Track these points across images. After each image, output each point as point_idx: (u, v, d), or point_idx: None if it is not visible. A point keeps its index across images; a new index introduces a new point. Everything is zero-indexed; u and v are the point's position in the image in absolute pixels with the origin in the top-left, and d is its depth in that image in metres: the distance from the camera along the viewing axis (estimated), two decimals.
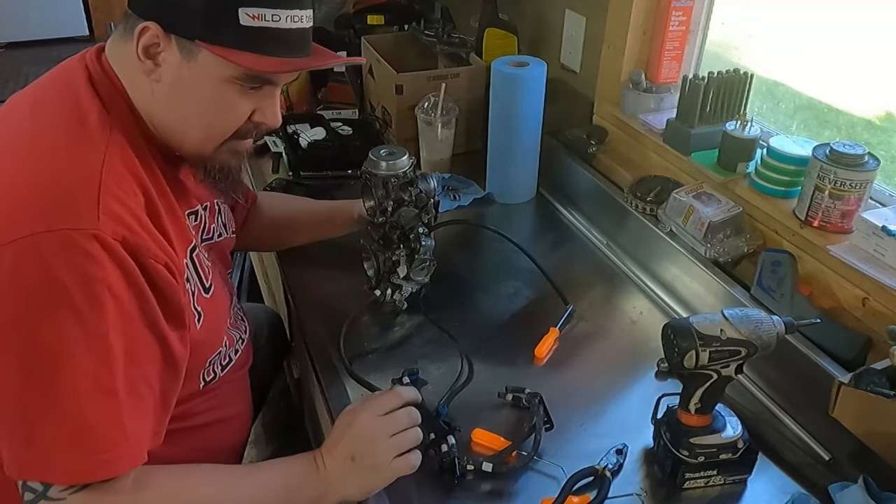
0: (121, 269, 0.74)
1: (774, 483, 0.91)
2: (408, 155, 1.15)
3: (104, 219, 0.74)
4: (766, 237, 1.17)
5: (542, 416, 0.95)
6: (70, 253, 0.71)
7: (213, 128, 0.87)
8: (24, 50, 4.95)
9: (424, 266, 1.15)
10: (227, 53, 0.80)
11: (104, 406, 0.74)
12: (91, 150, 0.78)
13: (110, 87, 0.85)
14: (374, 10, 2.03)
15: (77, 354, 0.72)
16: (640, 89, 1.44)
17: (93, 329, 0.72)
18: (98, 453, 0.74)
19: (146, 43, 0.80)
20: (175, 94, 0.84)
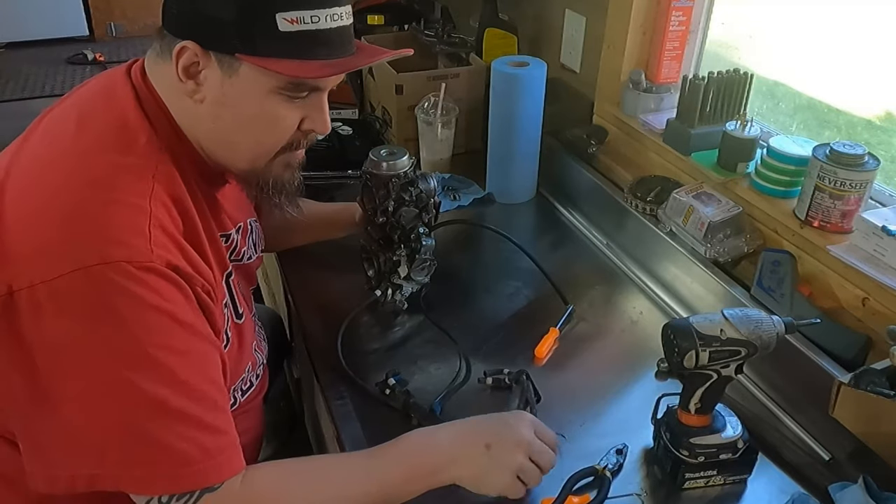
0: (179, 292, 0.75)
1: (774, 483, 0.91)
2: (408, 155, 1.15)
3: (156, 250, 0.73)
4: (766, 237, 1.17)
5: (531, 391, 0.97)
6: (127, 283, 0.71)
7: (263, 143, 0.85)
8: (24, 50, 4.95)
9: (425, 266, 1.15)
10: (268, 63, 0.77)
11: (175, 425, 0.74)
12: (140, 177, 0.77)
13: (156, 108, 0.83)
14: (374, 10, 2.03)
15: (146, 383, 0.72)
16: (640, 89, 1.44)
17: (156, 356, 0.73)
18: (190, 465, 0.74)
19: (185, 63, 0.78)
20: (220, 112, 0.81)
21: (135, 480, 0.74)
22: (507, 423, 0.85)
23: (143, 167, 0.78)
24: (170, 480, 0.74)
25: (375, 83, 1.76)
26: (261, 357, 1.05)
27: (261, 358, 1.05)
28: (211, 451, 0.75)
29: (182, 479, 0.74)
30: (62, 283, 0.70)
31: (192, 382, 0.75)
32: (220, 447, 0.77)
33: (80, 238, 0.72)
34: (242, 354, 0.94)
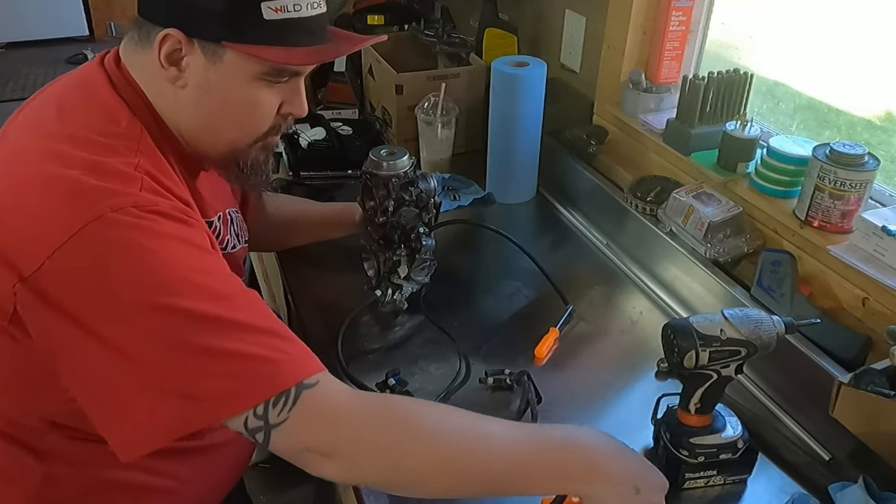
0: (192, 228, 0.77)
1: (774, 483, 0.91)
2: (408, 155, 1.15)
3: (158, 199, 0.75)
4: (766, 237, 1.17)
5: (532, 391, 0.97)
6: (141, 220, 0.72)
7: (245, 127, 0.87)
8: (24, 50, 4.95)
9: (425, 266, 1.15)
10: (255, 51, 0.79)
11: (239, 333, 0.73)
12: (123, 153, 0.78)
13: (133, 94, 0.84)
14: (374, 10, 2.03)
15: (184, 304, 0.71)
16: (640, 89, 1.44)
17: (191, 278, 0.73)
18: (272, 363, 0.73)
19: (168, 50, 0.79)
20: (203, 97, 0.83)
21: (225, 402, 0.71)
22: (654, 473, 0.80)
23: (126, 145, 0.79)
24: (258, 385, 0.71)
25: (375, 83, 1.76)
26: None
27: None
28: (288, 350, 0.74)
29: (270, 380, 0.72)
30: (77, 241, 0.70)
31: (237, 296, 0.76)
32: (296, 347, 0.76)
33: (82, 199, 0.72)
34: None
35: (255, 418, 0.72)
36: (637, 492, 0.76)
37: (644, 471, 0.79)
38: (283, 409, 0.72)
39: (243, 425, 0.72)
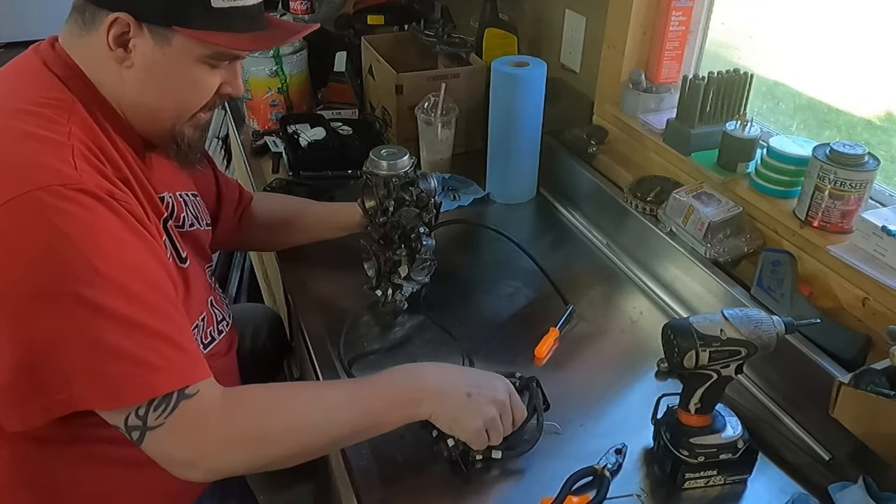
0: (114, 213, 0.77)
1: (774, 483, 0.91)
2: (409, 155, 1.15)
3: (84, 175, 0.76)
4: (766, 237, 1.17)
5: (540, 398, 0.97)
6: (63, 203, 0.73)
7: (186, 104, 0.91)
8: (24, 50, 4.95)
9: (425, 266, 1.15)
10: (204, 36, 0.84)
11: (134, 334, 0.75)
12: (54, 120, 0.80)
13: (67, 69, 0.86)
14: (374, 10, 2.03)
15: (92, 296, 0.73)
16: (640, 89, 1.44)
17: (102, 270, 0.74)
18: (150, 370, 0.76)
19: (117, 33, 0.83)
20: (148, 77, 0.86)
21: (106, 396, 0.75)
22: (490, 380, 0.91)
23: (58, 113, 0.81)
24: (140, 387, 0.75)
25: (375, 83, 1.76)
26: (222, 315, 1.06)
27: (222, 316, 1.06)
28: (173, 359, 0.77)
29: (152, 384, 0.75)
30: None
31: (144, 295, 0.77)
32: (185, 356, 0.79)
33: (7, 172, 0.74)
34: (191, 300, 0.95)
35: (135, 417, 0.76)
36: (468, 396, 0.87)
37: (477, 380, 0.90)
38: (162, 413, 0.76)
39: (123, 422, 0.76)
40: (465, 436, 0.87)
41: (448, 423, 0.87)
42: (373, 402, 0.87)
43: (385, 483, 0.88)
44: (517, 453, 0.92)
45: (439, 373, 0.92)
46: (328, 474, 1.38)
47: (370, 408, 0.87)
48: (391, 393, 0.88)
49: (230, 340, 1.09)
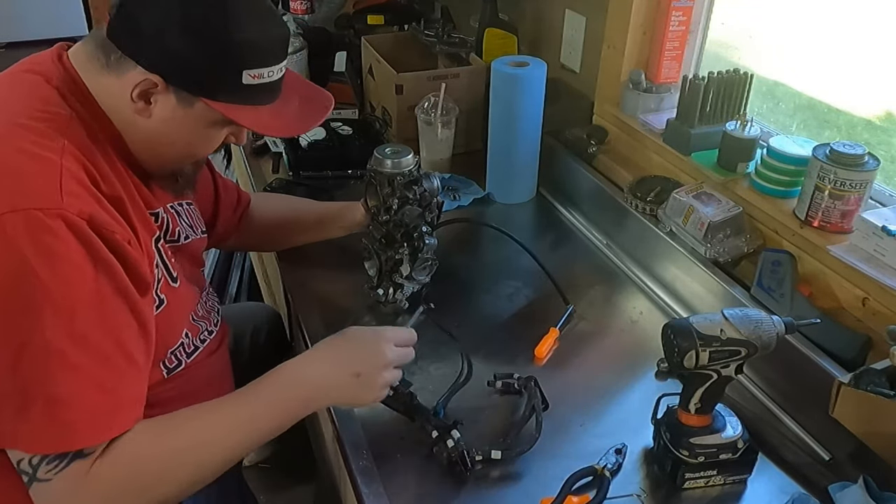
0: (86, 246, 0.75)
1: (774, 483, 0.91)
2: (412, 154, 1.15)
3: (67, 198, 0.75)
4: (766, 237, 1.17)
5: (538, 398, 0.97)
6: (36, 232, 0.72)
7: (194, 154, 0.94)
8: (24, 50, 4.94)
9: (426, 265, 1.15)
10: (229, 111, 0.85)
11: (74, 380, 0.75)
12: (48, 136, 0.79)
13: (71, 84, 0.85)
14: (374, 10, 2.03)
15: (46, 332, 0.73)
16: (640, 89, 1.44)
17: (60, 305, 0.73)
18: (68, 424, 0.74)
19: (143, 88, 0.83)
20: (163, 128, 0.87)
21: (24, 436, 0.74)
22: (371, 348, 0.91)
23: (53, 128, 0.80)
24: (54, 439, 0.74)
25: (375, 83, 1.76)
26: (206, 325, 1.05)
27: (206, 326, 1.05)
28: (94, 412, 0.76)
29: (67, 439, 0.74)
30: None
31: (94, 336, 0.76)
32: (107, 408, 0.77)
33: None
34: (174, 320, 0.94)
35: (28, 464, 0.75)
36: (358, 376, 0.88)
37: (360, 354, 0.90)
38: (53, 469, 0.75)
39: (17, 462, 0.76)
40: (370, 404, 0.91)
41: (350, 405, 0.94)
42: (258, 422, 0.87)
43: (385, 483, 0.88)
44: (517, 453, 0.92)
45: (323, 366, 0.91)
46: (328, 474, 1.38)
47: (257, 427, 0.87)
48: (278, 404, 0.88)
49: (220, 339, 1.08)
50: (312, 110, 0.96)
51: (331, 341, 0.93)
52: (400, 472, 0.91)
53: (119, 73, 0.83)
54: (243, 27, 0.83)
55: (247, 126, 0.89)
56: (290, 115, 0.93)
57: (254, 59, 0.85)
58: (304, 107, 0.95)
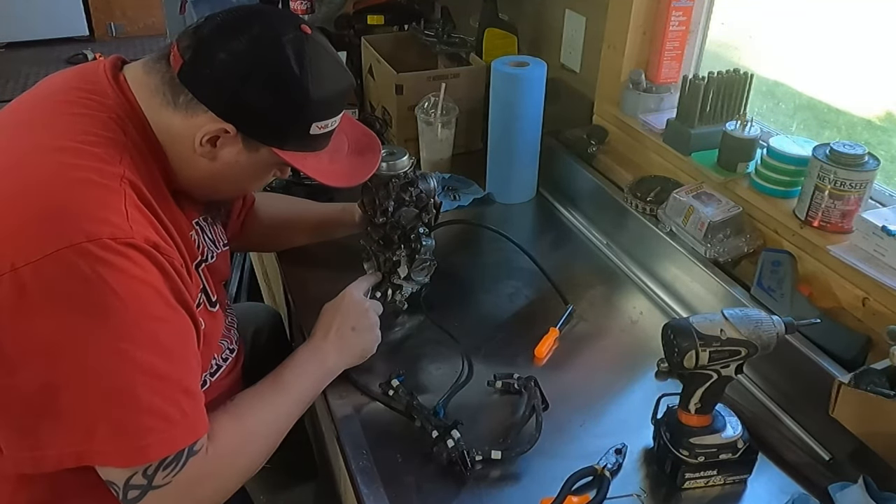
0: (158, 268, 0.78)
1: (774, 483, 0.91)
2: (408, 155, 1.15)
3: (135, 227, 0.77)
4: (766, 237, 1.17)
5: (538, 398, 0.98)
6: (113, 257, 0.74)
7: (244, 191, 1.03)
8: (24, 50, 4.95)
9: (425, 266, 1.15)
10: (294, 159, 0.89)
11: (164, 389, 0.77)
12: (109, 162, 0.80)
13: (129, 110, 0.85)
14: (374, 10, 2.03)
15: (136, 351, 0.75)
16: (640, 89, 1.44)
17: (143, 325, 0.75)
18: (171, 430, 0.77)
19: (212, 135, 0.85)
20: (224, 171, 0.90)
21: (128, 450, 0.75)
22: (350, 302, 1.05)
23: (111, 154, 0.81)
24: (163, 443, 0.76)
25: (375, 83, 1.76)
26: (227, 344, 1.06)
27: (228, 345, 1.06)
28: (188, 412, 0.79)
29: (173, 440, 0.77)
30: (48, 263, 0.71)
31: (174, 348, 0.79)
32: (196, 407, 0.81)
33: (61, 217, 0.74)
34: (211, 342, 0.97)
35: (142, 476, 0.76)
36: (353, 329, 1.03)
37: (347, 309, 1.04)
38: (171, 472, 0.77)
39: (125, 480, 0.76)
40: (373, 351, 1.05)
41: (362, 359, 1.04)
42: (305, 394, 0.97)
43: (385, 483, 0.88)
44: (516, 453, 0.92)
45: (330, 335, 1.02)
46: (328, 475, 1.38)
47: (304, 399, 0.97)
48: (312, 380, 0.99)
49: (235, 360, 1.09)
50: (366, 157, 1.01)
51: (321, 321, 1.04)
52: (400, 472, 0.91)
53: (187, 115, 0.84)
54: (322, 87, 0.85)
55: (311, 175, 0.91)
56: (344, 159, 0.98)
57: (323, 113, 0.88)
58: (356, 151, 1.00)
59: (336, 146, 0.96)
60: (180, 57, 0.83)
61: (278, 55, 0.82)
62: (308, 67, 0.83)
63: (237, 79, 0.82)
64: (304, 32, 0.85)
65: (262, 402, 0.92)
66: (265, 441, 0.90)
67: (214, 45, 0.82)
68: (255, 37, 0.82)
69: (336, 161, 0.95)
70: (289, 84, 0.83)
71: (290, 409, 0.95)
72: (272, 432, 0.91)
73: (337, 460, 1.13)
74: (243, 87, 0.82)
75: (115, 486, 0.77)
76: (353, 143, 1.00)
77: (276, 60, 0.83)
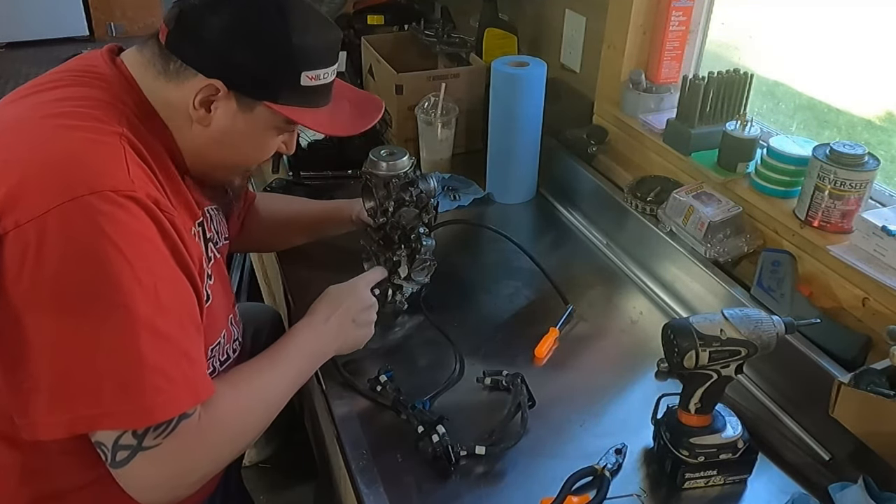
0: (157, 225, 0.78)
1: (774, 483, 0.91)
2: (408, 155, 1.15)
3: (137, 182, 0.77)
4: (766, 237, 1.17)
5: (525, 395, 0.98)
6: (113, 211, 0.73)
7: (247, 163, 0.98)
8: (24, 50, 4.95)
9: (425, 266, 1.15)
10: (289, 112, 0.88)
11: (167, 349, 0.76)
12: (109, 123, 0.81)
13: (126, 86, 0.86)
14: (374, 10, 2.03)
15: (137, 307, 0.74)
16: (640, 89, 1.44)
17: (144, 280, 0.75)
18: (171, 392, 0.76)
19: (204, 95, 0.85)
20: (221, 137, 0.89)
21: (135, 411, 0.74)
22: (359, 294, 1.05)
23: (111, 116, 0.82)
24: (168, 404, 0.75)
25: (375, 83, 1.76)
26: (237, 332, 1.07)
27: (237, 334, 1.07)
28: (189, 377, 0.78)
29: (178, 402, 0.76)
30: (51, 218, 0.71)
31: (174, 308, 0.78)
32: (197, 373, 0.80)
33: (61, 172, 0.74)
34: (217, 318, 0.96)
35: (131, 436, 0.75)
36: (354, 321, 1.03)
37: (350, 302, 1.04)
38: (161, 434, 0.76)
39: (114, 440, 0.75)
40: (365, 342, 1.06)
41: (352, 348, 1.05)
42: (298, 373, 0.96)
43: (385, 483, 0.88)
44: (501, 449, 0.92)
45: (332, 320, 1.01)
46: (328, 475, 1.38)
47: (298, 377, 0.97)
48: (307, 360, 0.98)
49: (238, 360, 1.09)
50: (366, 111, 1.00)
51: (325, 303, 1.03)
52: (400, 472, 0.91)
53: (179, 82, 0.85)
54: (302, 32, 0.85)
55: (309, 125, 0.91)
56: (345, 115, 0.97)
57: (311, 62, 0.87)
58: (357, 108, 0.99)
59: (337, 107, 0.96)
60: (166, 27, 0.85)
61: (258, 6, 0.84)
62: (289, 16, 0.84)
63: (219, 35, 0.83)
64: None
65: (259, 375, 0.92)
66: (258, 415, 0.89)
67: (197, 10, 0.83)
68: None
69: (336, 117, 0.95)
70: (269, 32, 0.84)
71: (286, 385, 0.94)
72: (266, 407, 0.91)
73: (337, 460, 1.13)
74: (226, 42, 0.83)
75: (104, 446, 0.76)
76: (354, 104, 1.00)
77: (256, 11, 0.84)
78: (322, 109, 0.93)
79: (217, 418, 0.82)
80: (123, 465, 0.76)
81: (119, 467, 0.76)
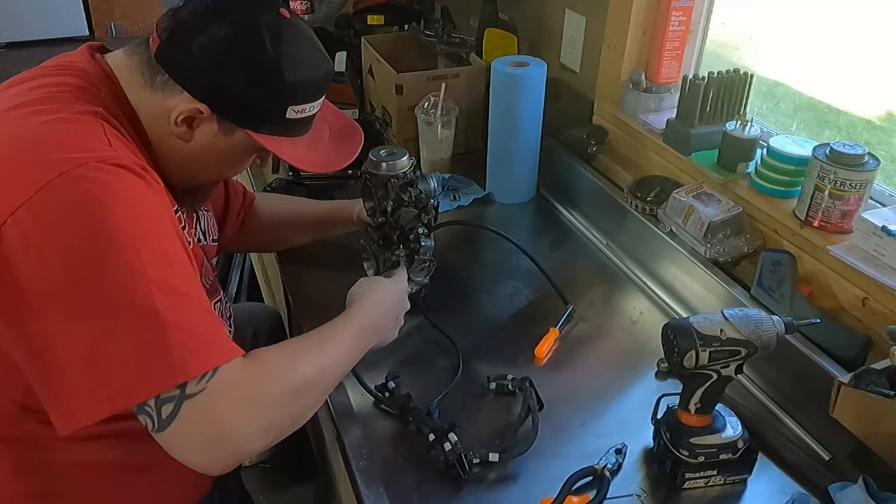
0: (150, 188, 0.78)
1: (774, 483, 0.91)
2: (408, 155, 1.15)
3: (121, 151, 0.77)
4: (766, 237, 1.17)
5: (534, 398, 0.97)
6: (104, 176, 0.73)
7: (220, 176, 0.98)
8: (24, 50, 4.95)
9: (424, 266, 1.15)
10: (269, 143, 0.88)
11: (182, 304, 0.74)
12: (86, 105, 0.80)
13: (106, 80, 0.85)
14: (374, 10, 2.03)
15: (148, 271, 0.72)
16: (640, 89, 1.44)
17: (151, 243, 0.74)
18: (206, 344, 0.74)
19: (188, 115, 0.84)
20: (199, 153, 0.89)
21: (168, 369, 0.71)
22: (404, 297, 1.06)
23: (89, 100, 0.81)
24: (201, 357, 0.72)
25: (375, 83, 1.76)
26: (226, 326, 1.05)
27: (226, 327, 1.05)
28: (217, 329, 0.76)
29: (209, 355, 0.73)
30: (42, 197, 0.70)
31: (184, 265, 0.77)
32: (221, 327, 0.78)
33: (44, 153, 0.74)
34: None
35: (175, 388, 0.71)
36: (396, 319, 1.04)
37: (396, 307, 1.04)
38: (204, 379, 0.72)
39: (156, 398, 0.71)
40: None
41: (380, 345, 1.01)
42: (353, 352, 0.93)
43: (385, 483, 0.88)
44: (514, 455, 0.91)
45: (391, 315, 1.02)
46: (328, 475, 1.38)
47: (352, 356, 0.92)
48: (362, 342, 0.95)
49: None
50: (345, 147, 1.00)
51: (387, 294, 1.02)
52: (400, 472, 0.91)
53: (163, 95, 0.85)
54: (297, 70, 0.85)
55: (285, 160, 0.90)
56: (324, 148, 0.96)
57: (299, 97, 0.88)
58: (337, 140, 0.99)
59: (317, 135, 0.95)
60: (158, 37, 0.84)
61: (254, 37, 0.83)
62: (283, 50, 0.83)
63: (212, 60, 0.82)
64: (282, 16, 0.85)
65: (308, 338, 0.89)
66: (311, 370, 0.83)
67: (191, 27, 0.82)
68: (231, 19, 0.82)
69: (314, 149, 0.94)
70: (263, 66, 0.83)
71: (337, 354, 0.89)
72: (319, 362, 0.85)
73: (337, 460, 1.13)
74: (218, 68, 0.82)
75: (149, 408, 0.71)
76: (335, 133, 1.00)
77: (251, 42, 0.83)
78: (301, 140, 0.92)
79: (263, 360, 0.79)
80: (172, 421, 0.71)
81: (166, 426, 0.71)
